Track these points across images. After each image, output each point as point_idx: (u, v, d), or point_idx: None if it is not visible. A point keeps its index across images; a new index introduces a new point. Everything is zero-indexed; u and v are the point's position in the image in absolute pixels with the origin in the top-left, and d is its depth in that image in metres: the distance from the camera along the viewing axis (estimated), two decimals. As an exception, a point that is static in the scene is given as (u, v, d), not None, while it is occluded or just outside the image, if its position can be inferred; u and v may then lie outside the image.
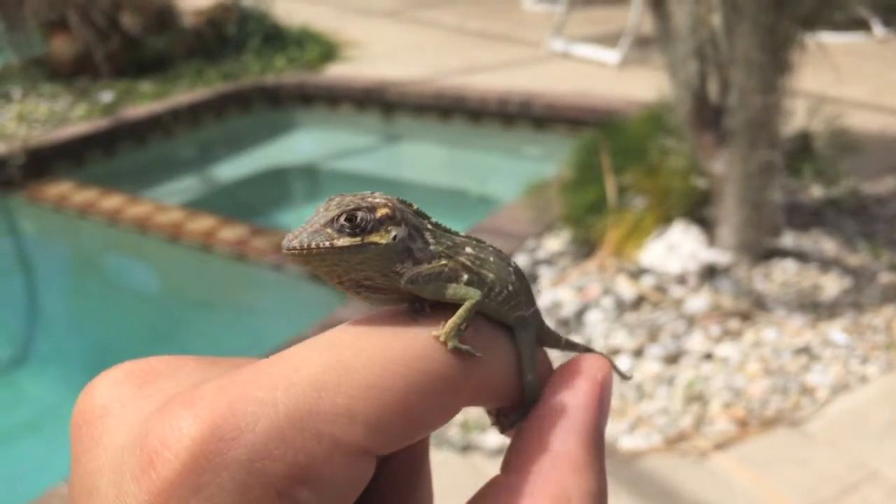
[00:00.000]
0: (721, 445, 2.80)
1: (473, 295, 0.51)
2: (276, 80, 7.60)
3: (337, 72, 7.80)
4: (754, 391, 3.03)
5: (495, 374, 0.50)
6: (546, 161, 5.74)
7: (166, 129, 6.88)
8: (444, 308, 0.50)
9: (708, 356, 3.25)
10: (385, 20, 10.09)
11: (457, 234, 0.55)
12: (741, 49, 3.36)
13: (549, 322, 1.86)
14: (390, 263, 0.51)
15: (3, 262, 5.61)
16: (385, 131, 7.34)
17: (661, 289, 3.63)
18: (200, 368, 0.47)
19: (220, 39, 8.17)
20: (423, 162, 6.94)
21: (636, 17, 7.18)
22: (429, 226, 0.54)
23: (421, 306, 0.51)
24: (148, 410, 0.42)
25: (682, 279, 3.66)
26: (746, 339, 3.31)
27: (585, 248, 4.04)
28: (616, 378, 0.55)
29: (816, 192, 4.36)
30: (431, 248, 0.53)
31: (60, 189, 5.69)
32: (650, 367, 3.21)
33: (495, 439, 2.87)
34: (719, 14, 3.39)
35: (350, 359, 0.44)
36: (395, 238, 0.51)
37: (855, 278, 3.67)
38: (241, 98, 7.43)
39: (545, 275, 3.90)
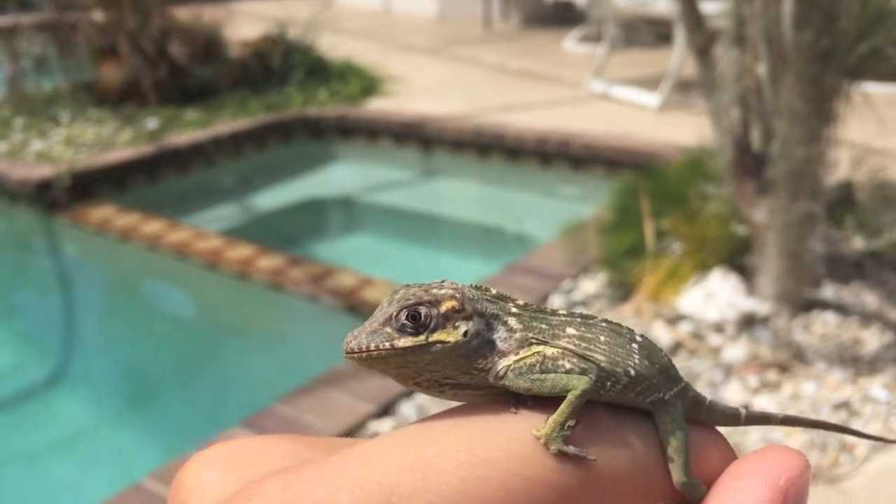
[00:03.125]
0: (756, 499, 2.75)
1: (577, 384, 0.43)
2: (317, 113, 7.70)
3: (377, 106, 7.89)
4: (792, 446, 2.97)
5: (627, 475, 0.42)
6: (583, 202, 5.75)
7: (208, 157, 6.99)
8: (551, 400, 0.43)
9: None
10: (426, 56, 10.20)
11: (554, 312, 0.48)
12: (785, 99, 3.36)
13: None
14: (469, 361, 0.45)
15: (45, 281, 5.71)
16: (423, 166, 7.39)
17: (698, 336, 3.60)
18: (292, 453, 0.42)
19: (264, 71, 8.31)
20: (460, 198, 6.97)
21: (677, 61, 7.19)
22: (513, 309, 0.47)
23: (523, 399, 0.44)
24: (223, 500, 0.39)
25: (719, 327, 3.63)
26: (785, 391, 3.27)
27: (622, 291, 4.02)
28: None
29: (858, 243, 4.32)
30: (517, 335, 0.46)
31: (103, 213, 5.79)
32: (685, 415, 3.17)
33: None
34: (765, 63, 3.39)
35: (432, 458, 0.38)
36: (465, 334, 0.45)
37: (897, 333, 3.61)
38: (282, 129, 7.54)
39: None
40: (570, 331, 0.47)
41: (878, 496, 2.76)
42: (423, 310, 0.45)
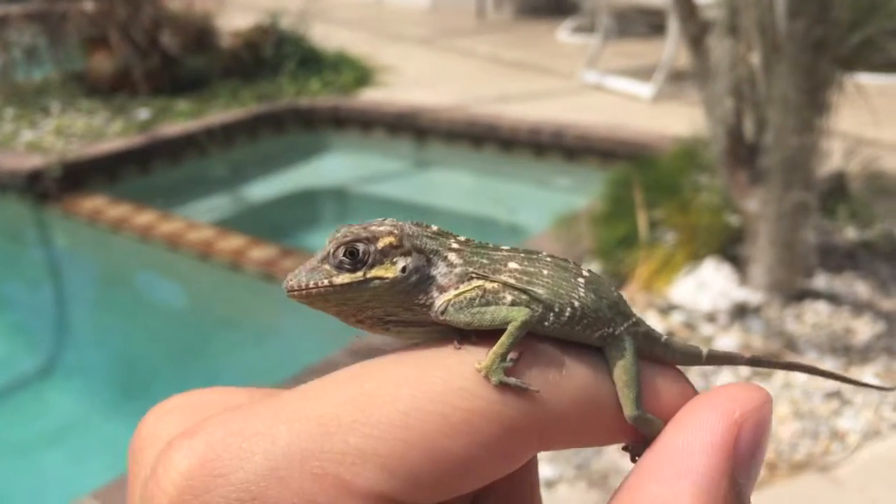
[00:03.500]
0: (748, 488, 2.76)
1: (517, 315, 0.43)
2: (310, 103, 7.68)
3: (371, 96, 7.87)
4: (784, 434, 2.98)
5: (573, 409, 0.42)
6: (576, 192, 5.74)
7: (200, 147, 6.96)
8: (495, 335, 0.43)
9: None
10: (420, 47, 10.17)
11: (497, 248, 0.47)
12: (779, 88, 3.35)
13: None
14: (409, 297, 0.45)
15: (36, 272, 5.69)
16: (416, 157, 7.38)
17: (690, 326, 3.60)
18: (248, 400, 0.42)
19: (256, 61, 8.28)
20: (454, 189, 6.96)
21: (671, 52, 7.18)
22: (454, 245, 0.47)
23: (467, 334, 0.44)
24: None
25: (712, 317, 3.63)
26: (776, 380, 3.27)
27: (615, 281, 4.02)
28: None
29: (850, 234, 4.32)
30: (458, 270, 0.46)
31: (95, 203, 5.77)
32: (678, 404, 3.18)
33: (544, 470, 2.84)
34: (758, 53, 3.38)
35: (372, 391, 0.39)
36: (403, 270, 0.45)
37: (888, 323, 3.62)
38: (274, 119, 7.51)
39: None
40: (513, 265, 0.46)
41: (869, 484, 2.77)
42: (360, 246, 0.44)
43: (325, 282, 0.44)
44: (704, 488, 0.38)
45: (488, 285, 0.45)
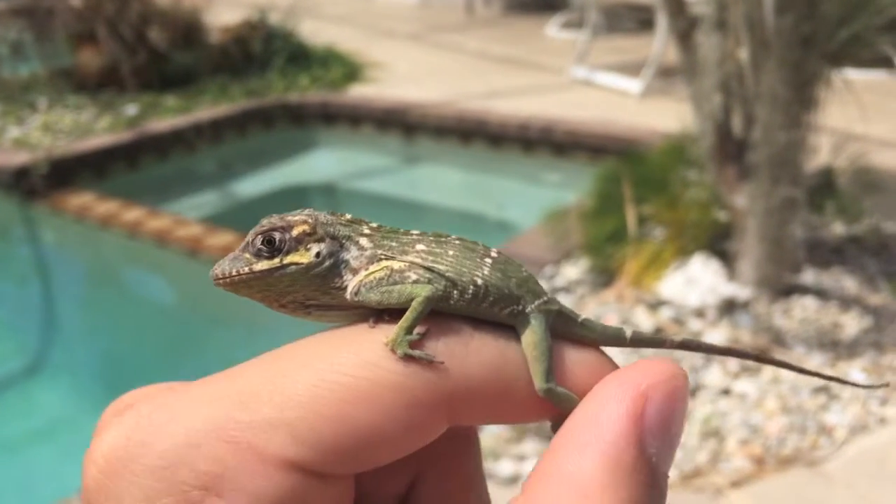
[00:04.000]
0: (737, 483, 2.77)
1: (421, 292, 0.46)
2: (299, 99, 7.65)
3: (360, 92, 7.85)
4: (772, 429, 3.00)
5: (480, 382, 0.43)
6: (565, 188, 5.74)
7: (189, 143, 6.94)
8: (405, 312, 0.45)
9: (725, 391, 3.22)
10: (409, 43, 10.15)
11: (407, 232, 0.50)
12: (767, 84, 3.36)
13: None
14: (325, 281, 0.48)
15: (23, 270, 5.66)
16: (405, 153, 7.37)
17: (679, 321, 3.61)
18: None
19: (245, 57, 8.25)
20: (443, 184, 6.95)
21: (660, 48, 7.19)
22: (366, 231, 0.50)
23: (381, 314, 0.47)
24: None
25: (700, 312, 3.64)
26: (765, 375, 3.29)
27: (604, 277, 4.02)
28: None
29: (838, 229, 4.34)
30: (368, 253, 0.49)
31: (82, 200, 5.74)
32: (666, 400, 3.18)
33: (508, 467, 2.85)
34: (746, 49, 3.39)
35: (287, 368, 0.42)
36: (317, 255, 0.48)
37: (875, 318, 3.64)
38: (263, 115, 7.49)
39: (563, 302, 3.88)
40: (420, 247, 0.49)
41: (856, 478, 2.78)
42: (276, 234, 0.48)
43: (246, 269, 0.48)
44: (612, 456, 0.39)
45: (395, 265, 0.48)
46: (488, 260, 0.49)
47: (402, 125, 7.23)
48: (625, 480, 0.39)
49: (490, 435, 2.98)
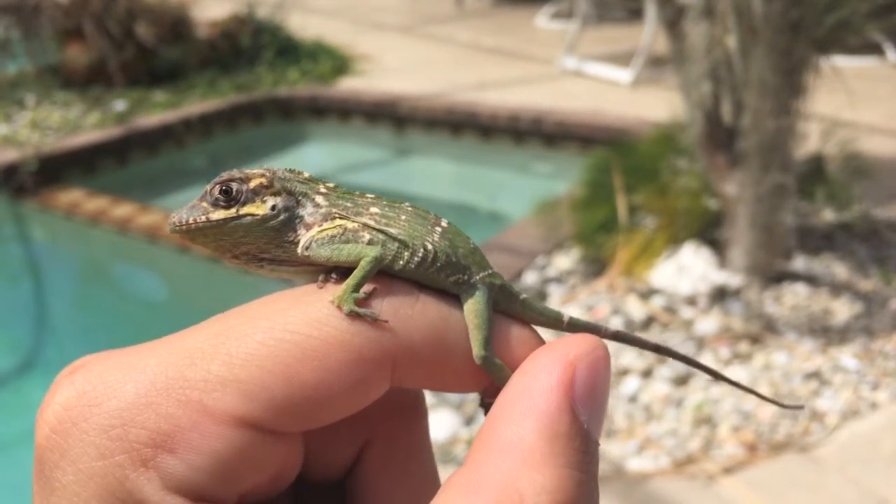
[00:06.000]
0: (729, 469, 2.78)
1: (370, 252, 0.47)
2: (288, 93, 7.63)
3: (349, 85, 7.83)
4: (763, 415, 3.00)
5: (422, 343, 0.44)
6: (556, 178, 5.74)
7: (178, 139, 6.91)
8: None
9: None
10: (398, 35, 10.13)
11: (362, 195, 0.52)
12: (756, 71, 3.36)
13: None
14: (279, 234, 0.49)
15: (13, 268, 5.63)
16: (396, 145, 7.35)
17: (670, 310, 3.62)
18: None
19: (233, 51, 8.21)
20: (434, 176, 6.94)
21: (649, 37, 7.19)
22: (322, 189, 0.51)
23: (330, 275, 0.48)
24: None
25: (692, 300, 3.65)
26: (756, 362, 3.29)
27: (595, 266, 4.03)
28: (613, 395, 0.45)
29: (828, 215, 4.35)
30: (323, 210, 0.50)
31: (72, 197, 5.71)
32: (659, 388, 3.19)
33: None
34: (735, 36, 3.38)
35: (235, 325, 0.43)
36: (273, 208, 0.49)
37: (866, 304, 3.65)
38: (253, 110, 7.46)
39: (555, 293, 3.89)
40: (374, 210, 0.50)
41: (848, 463, 2.79)
42: (234, 185, 0.49)
43: (203, 218, 0.49)
44: (548, 424, 0.41)
45: (349, 224, 0.49)
46: (438, 228, 0.51)
47: (392, 118, 7.22)
48: (562, 447, 0.41)
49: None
